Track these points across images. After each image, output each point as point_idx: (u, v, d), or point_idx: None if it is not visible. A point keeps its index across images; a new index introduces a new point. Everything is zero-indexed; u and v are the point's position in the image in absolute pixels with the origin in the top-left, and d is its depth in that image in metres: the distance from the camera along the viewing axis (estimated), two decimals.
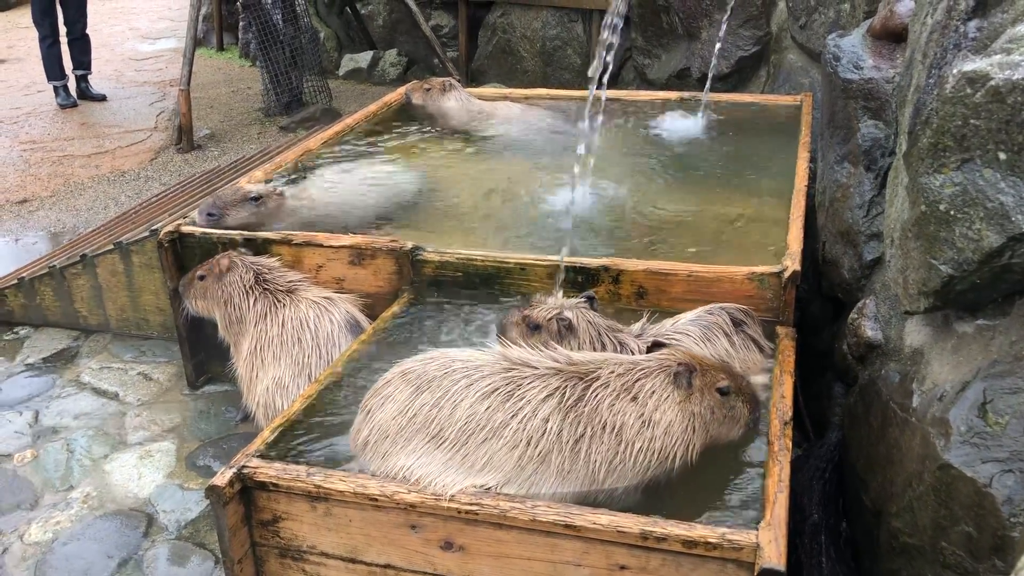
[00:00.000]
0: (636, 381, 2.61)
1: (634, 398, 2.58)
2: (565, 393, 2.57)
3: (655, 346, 2.81)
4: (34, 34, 9.38)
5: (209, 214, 4.10)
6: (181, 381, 4.39)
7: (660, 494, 2.59)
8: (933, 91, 2.34)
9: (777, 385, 2.94)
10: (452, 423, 2.56)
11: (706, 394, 2.63)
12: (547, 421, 2.54)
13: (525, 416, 2.54)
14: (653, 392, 2.60)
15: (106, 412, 4.23)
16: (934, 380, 2.50)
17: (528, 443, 2.52)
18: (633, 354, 2.98)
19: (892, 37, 3.16)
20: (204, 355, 4.30)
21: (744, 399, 2.71)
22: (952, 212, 2.29)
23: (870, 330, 2.97)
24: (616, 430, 2.54)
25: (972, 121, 2.20)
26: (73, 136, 8.60)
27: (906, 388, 2.61)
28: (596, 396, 2.57)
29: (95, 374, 4.54)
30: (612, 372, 2.62)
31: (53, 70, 9.31)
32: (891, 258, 2.78)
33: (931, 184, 2.34)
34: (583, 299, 3.15)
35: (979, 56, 2.23)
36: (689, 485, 2.63)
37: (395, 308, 3.62)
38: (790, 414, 2.78)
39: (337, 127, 5.47)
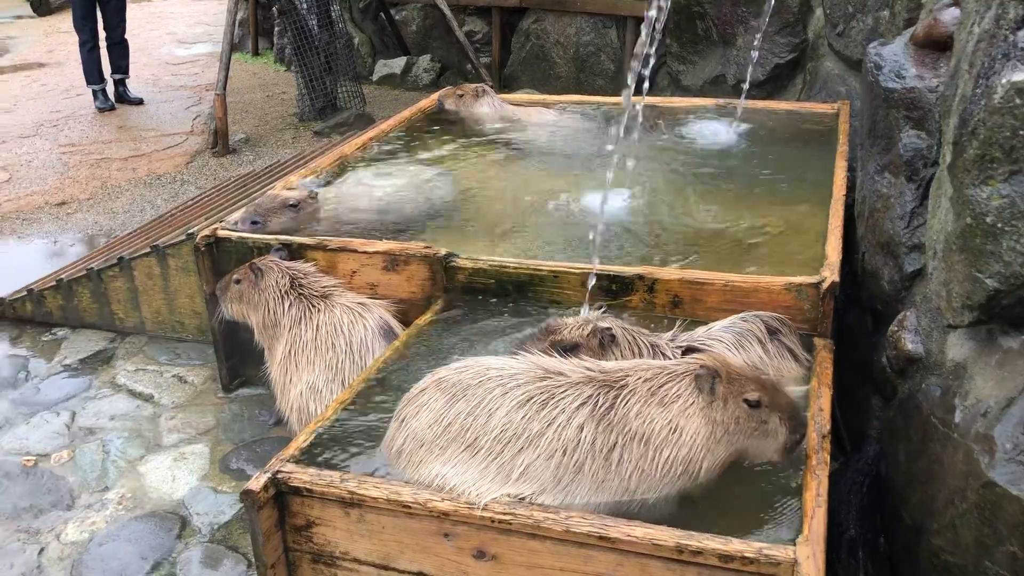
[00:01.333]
0: (662, 385, 2.57)
1: (661, 403, 2.54)
2: (597, 401, 2.55)
3: (689, 351, 2.76)
4: (74, 39, 9.54)
5: (253, 222, 4.15)
6: (215, 384, 4.42)
7: (695, 506, 2.56)
8: (980, 101, 2.29)
9: (815, 398, 2.90)
10: (487, 432, 2.54)
11: (731, 403, 2.53)
12: (581, 430, 2.52)
13: (560, 425, 2.53)
14: (679, 396, 2.54)
15: (141, 414, 4.27)
16: (977, 395, 2.45)
17: (564, 452, 2.50)
18: (667, 359, 2.96)
19: (935, 46, 3.10)
20: (238, 358, 4.33)
21: (782, 416, 2.56)
22: (999, 225, 2.25)
23: (911, 343, 2.92)
24: (645, 437, 2.51)
25: (1022, 132, 2.16)
26: (111, 139, 8.72)
27: (948, 403, 2.57)
28: (626, 403, 2.54)
29: (131, 376, 4.59)
30: (640, 378, 2.59)
31: (92, 74, 9.45)
32: (934, 270, 2.73)
33: (977, 196, 2.30)
34: (599, 310, 3.14)
35: None
36: (725, 498, 2.60)
37: (428, 315, 3.62)
38: (828, 427, 2.74)
39: (371, 132, 5.49)
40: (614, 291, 3.50)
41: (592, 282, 3.47)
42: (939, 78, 3.04)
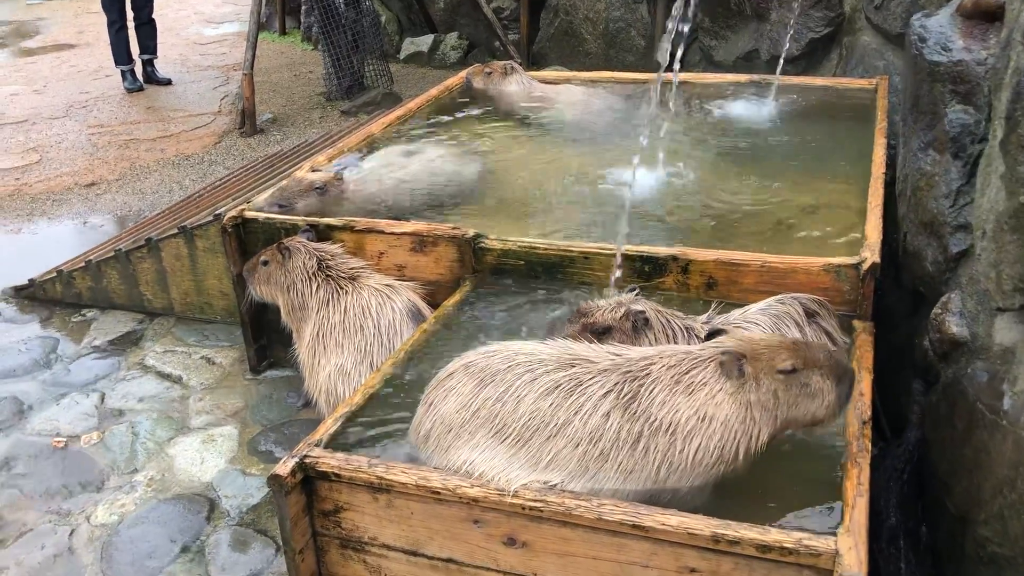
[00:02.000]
0: (687, 372, 2.48)
1: (687, 392, 2.45)
2: (622, 390, 2.48)
3: (713, 333, 2.63)
4: (102, 19, 9.54)
5: (280, 205, 4.11)
6: (243, 366, 4.41)
7: (731, 494, 2.49)
8: None
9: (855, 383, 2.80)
10: (516, 419, 2.49)
11: (764, 379, 2.41)
12: (607, 418, 2.45)
13: (586, 413, 2.46)
14: (705, 384, 2.45)
15: (170, 396, 4.26)
16: None
17: (590, 441, 2.44)
18: (701, 340, 2.89)
19: (984, 16, 2.98)
20: (266, 340, 4.31)
21: (823, 371, 2.42)
22: None
23: (955, 326, 2.82)
24: (671, 428, 2.43)
25: None
26: (139, 120, 8.73)
27: (996, 389, 2.47)
28: (650, 392, 2.46)
29: (159, 357, 4.59)
30: (664, 365, 2.51)
31: (121, 55, 9.46)
32: (982, 251, 2.63)
33: None
34: (632, 292, 3.06)
35: None
36: (762, 485, 2.53)
37: (457, 296, 3.57)
38: (869, 413, 2.65)
39: (399, 111, 5.43)
40: (647, 272, 3.42)
41: (618, 266, 3.39)
42: (988, 50, 2.91)
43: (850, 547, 2.15)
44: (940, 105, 3.08)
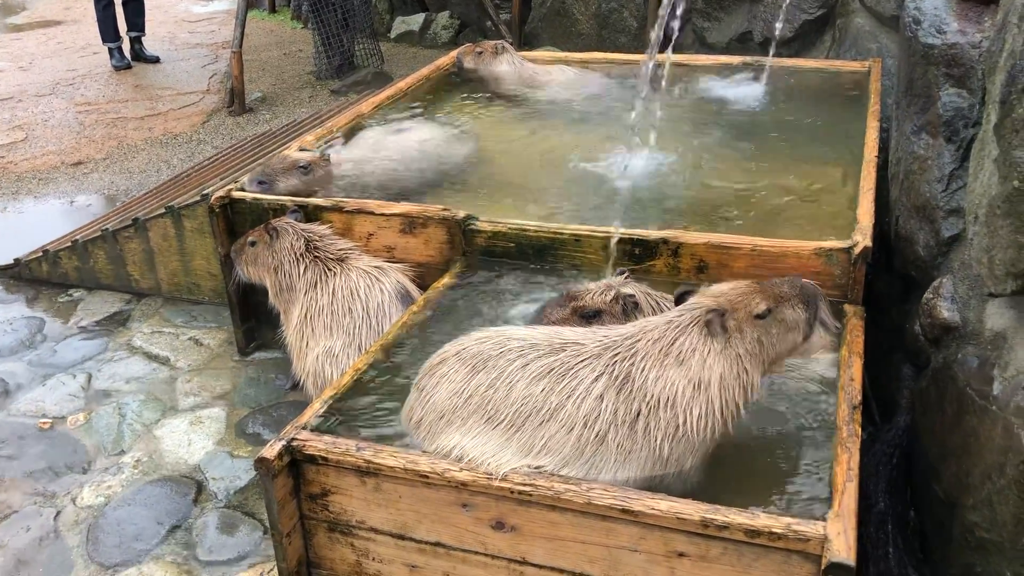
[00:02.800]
0: (673, 343, 2.47)
1: (679, 362, 2.44)
2: (614, 371, 2.46)
3: (682, 296, 2.62)
4: None
5: (260, 182, 4.07)
6: (231, 347, 4.38)
7: (721, 478, 2.49)
8: None
9: (845, 367, 2.80)
10: (508, 405, 2.47)
11: (746, 328, 2.45)
12: (601, 400, 2.44)
13: (580, 396, 2.45)
14: (695, 350, 2.44)
15: (157, 377, 4.23)
16: (1018, 367, 2.34)
17: (585, 424, 2.42)
18: None
19: None
20: (254, 321, 4.28)
21: (791, 303, 2.50)
22: None
23: (947, 311, 2.81)
24: (670, 401, 2.42)
25: None
26: (127, 98, 8.63)
27: (986, 374, 2.47)
28: (643, 370, 2.45)
29: (147, 338, 4.55)
30: (649, 340, 2.49)
31: (108, 32, 9.34)
32: (974, 236, 2.61)
33: None
34: (621, 275, 3.04)
35: None
36: (752, 470, 2.53)
37: (446, 279, 3.54)
38: (859, 398, 2.64)
39: (389, 91, 5.37)
40: (637, 255, 3.40)
41: (614, 247, 3.37)
42: (983, 33, 2.89)
43: (839, 532, 2.15)
44: (934, 88, 3.06)
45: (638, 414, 2.43)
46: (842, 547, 2.11)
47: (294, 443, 2.60)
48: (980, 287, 2.62)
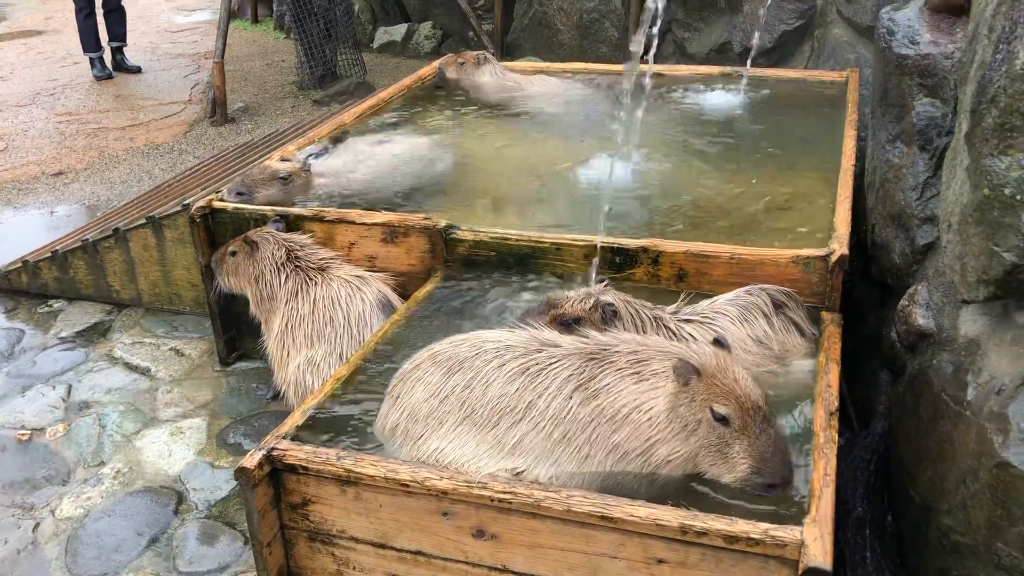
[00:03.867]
0: (645, 361, 2.48)
1: (637, 379, 2.46)
2: (583, 372, 2.49)
3: (717, 342, 2.56)
4: (70, 6, 9.39)
5: (239, 193, 4.07)
6: (212, 357, 4.36)
7: (699, 484, 2.50)
8: (1000, 68, 2.20)
9: (822, 373, 2.83)
10: (484, 404, 2.50)
11: (698, 404, 2.38)
12: (568, 400, 2.46)
13: (550, 396, 2.48)
14: (655, 374, 2.45)
15: (138, 388, 4.21)
16: (991, 373, 2.38)
17: (553, 423, 2.45)
18: (670, 330, 2.89)
19: (952, 10, 3.00)
20: (236, 331, 4.27)
21: (750, 450, 2.36)
22: (1018, 196, 2.17)
23: (922, 318, 2.85)
24: (614, 412, 2.45)
25: None
26: (108, 108, 8.60)
27: (960, 380, 2.50)
28: (606, 375, 2.48)
29: (127, 349, 4.53)
30: (626, 351, 2.52)
31: (89, 42, 9.31)
32: (947, 243, 2.65)
33: (996, 166, 2.21)
34: (601, 283, 3.07)
35: None
36: None
37: (428, 287, 3.55)
38: (836, 404, 2.67)
39: (371, 101, 5.39)
40: (618, 264, 3.43)
41: (597, 256, 3.39)
42: (955, 44, 2.94)
43: (816, 537, 2.16)
44: (908, 98, 3.10)
45: (590, 420, 2.45)
46: (819, 552, 2.13)
47: (274, 453, 2.60)
48: (954, 294, 2.66)
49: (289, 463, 2.58)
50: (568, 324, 2.82)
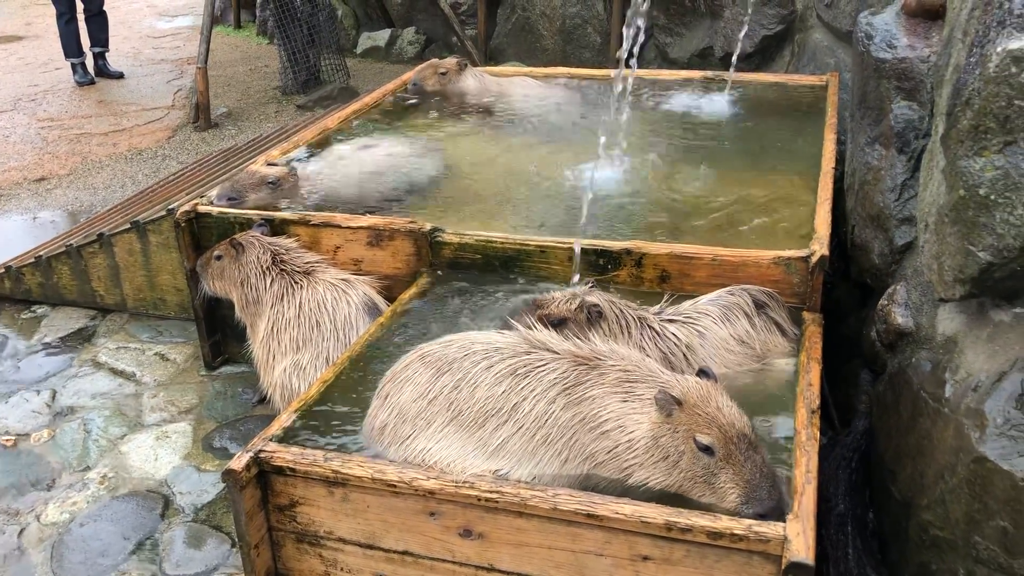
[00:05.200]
0: (633, 382, 2.48)
1: (623, 398, 2.46)
2: (569, 377, 2.51)
3: (701, 373, 2.54)
4: (52, 11, 9.36)
5: (230, 198, 4.08)
6: (198, 362, 4.36)
7: None
8: (975, 71, 2.25)
9: (804, 372, 2.87)
10: (471, 405, 2.52)
11: (681, 435, 2.36)
12: (552, 404, 2.49)
13: (536, 398, 2.50)
14: (641, 398, 2.45)
15: (123, 392, 4.21)
16: (968, 370, 2.42)
17: (536, 425, 2.47)
18: (654, 330, 2.92)
19: (928, 15, 3.05)
20: (221, 336, 4.27)
21: (736, 479, 2.32)
22: (993, 197, 2.21)
23: (901, 317, 2.89)
24: (596, 424, 2.46)
25: (1017, 102, 2.12)
26: (91, 114, 8.58)
27: (938, 377, 2.54)
28: (593, 385, 2.49)
29: (112, 354, 4.52)
30: (617, 366, 2.52)
31: (71, 47, 9.28)
32: (925, 243, 2.70)
33: (971, 167, 2.25)
34: (588, 285, 3.10)
35: None
36: None
37: (413, 290, 3.57)
38: (817, 402, 2.71)
39: (355, 105, 5.40)
40: (602, 265, 3.46)
41: (578, 259, 3.43)
42: (931, 48, 2.99)
43: (798, 533, 2.20)
44: (886, 101, 3.15)
45: (573, 425, 2.47)
46: (801, 547, 2.16)
47: (262, 455, 2.61)
48: (932, 293, 2.70)
49: (276, 465, 2.59)
50: (554, 325, 2.84)
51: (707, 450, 2.34)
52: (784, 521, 2.25)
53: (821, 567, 2.70)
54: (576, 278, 3.42)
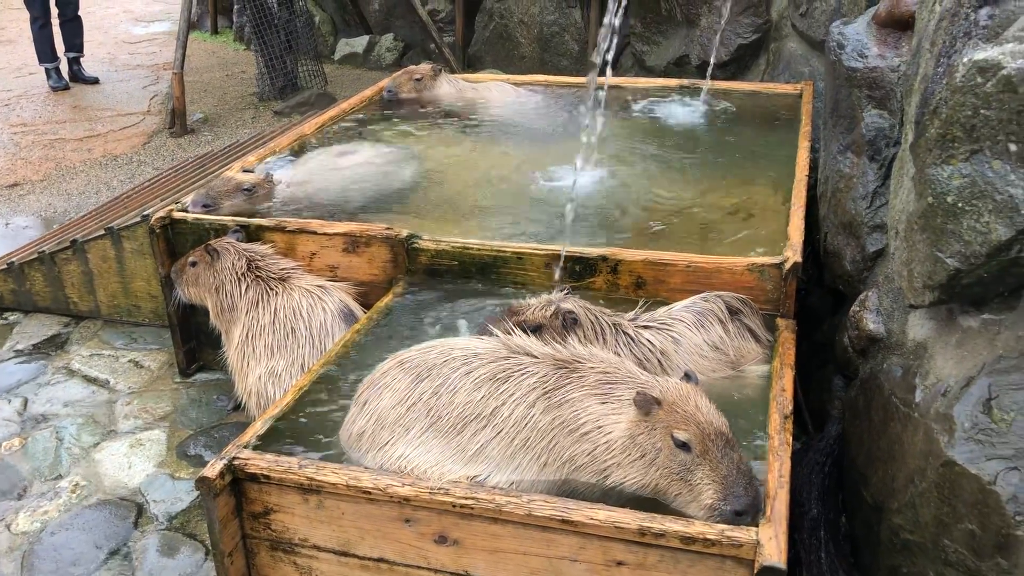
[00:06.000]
0: (612, 383, 2.48)
1: (602, 399, 2.47)
2: (549, 381, 2.52)
3: (686, 377, 2.55)
4: (25, 15, 9.27)
5: (204, 205, 4.06)
6: (172, 369, 4.33)
7: None
8: (942, 80, 2.28)
9: (777, 378, 2.89)
10: (450, 411, 2.52)
11: (659, 432, 2.36)
12: (532, 407, 2.49)
13: (515, 402, 2.50)
14: (620, 399, 2.45)
15: (96, 400, 4.17)
16: (937, 375, 2.45)
17: (515, 429, 2.48)
18: (629, 336, 2.94)
19: (898, 25, 3.10)
20: (196, 343, 4.25)
21: (713, 475, 2.31)
22: (960, 204, 2.25)
23: (872, 323, 2.92)
24: (575, 426, 2.47)
25: (982, 111, 2.15)
26: (65, 119, 8.50)
27: (909, 383, 2.57)
28: (572, 388, 2.50)
29: (85, 361, 4.49)
30: (596, 368, 2.53)
31: (45, 52, 9.20)
32: (895, 250, 2.73)
33: (939, 175, 2.29)
34: (563, 292, 3.12)
35: (990, 44, 2.18)
36: None
37: (389, 297, 3.57)
38: (790, 408, 2.74)
39: (332, 112, 5.40)
40: (578, 272, 3.47)
41: (560, 266, 3.44)
42: (901, 57, 3.03)
43: (770, 537, 2.22)
44: (857, 110, 3.19)
45: (551, 428, 2.48)
46: (774, 551, 2.18)
47: (236, 462, 2.59)
48: (902, 299, 2.74)
49: (251, 472, 2.58)
50: (529, 331, 2.85)
51: (684, 446, 2.34)
52: (759, 519, 2.27)
53: (794, 571, 2.72)
54: (558, 278, 3.43)
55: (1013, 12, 2.18)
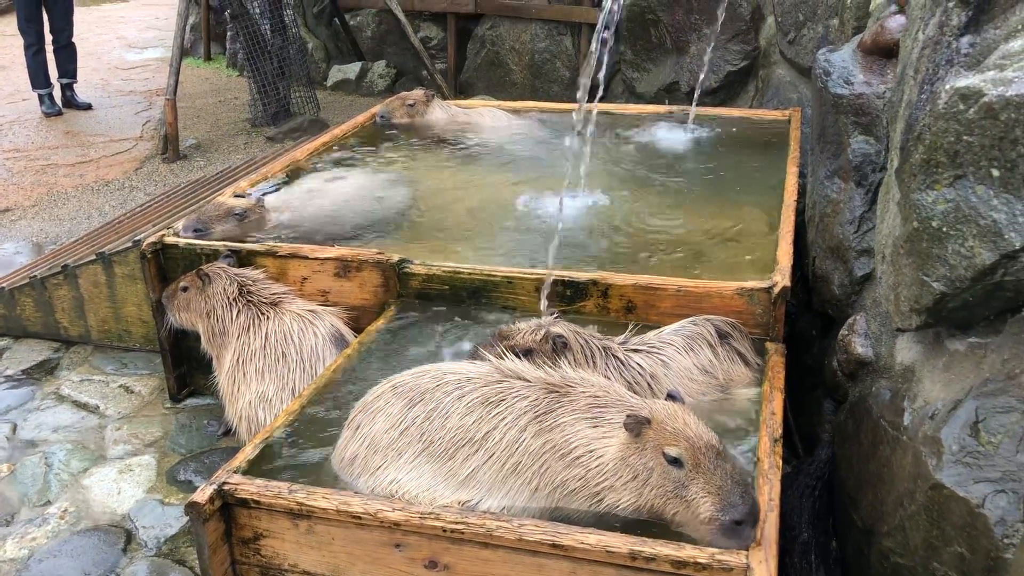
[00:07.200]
0: (602, 407, 2.49)
1: (593, 423, 2.47)
2: (540, 405, 2.52)
3: (670, 396, 2.55)
4: (19, 41, 9.31)
5: (195, 230, 4.07)
6: (163, 394, 4.32)
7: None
8: (925, 107, 2.32)
9: (767, 402, 2.90)
10: (443, 435, 2.52)
11: (650, 451, 2.35)
12: (523, 432, 2.49)
13: (507, 426, 2.51)
14: (610, 423, 2.46)
15: (86, 425, 4.15)
16: (925, 398, 2.47)
17: (506, 454, 2.48)
18: (619, 360, 2.95)
19: (883, 52, 3.14)
20: (186, 368, 4.24)
21: (708, 488, 2.29)
22: (945, 229, 2.27)
23: (860, 347, 2.94)
24: (566, 451, 2.47)
25: (965, 137, 2.18)
26: (57, 145, 8.52)
27: (897, 406, 2.59)
28: (563, 412, 2.50)
29: (75, 387, 4.47)
30: (587, 392, 2.54)
31: (38, 78, 9.24)
32: (882, 274, 2.76)
33: (923, 200, 2.32)
34: (553, 316, 3.13)
35: (972, 72, 2.22)
36: None
37: (381, 322, 3.57)
38: (780, 431, 2.74)
39: (324, 138, 5.43)
40: (568, 296, 3.49)
41: (547, 290, 3.46)
42: (886, 84, 3.07)
43: (760, 561, 2.22)
44: (844, 135, 3.23)
45: (543, 452, 2.48)
46: (763, 575, 2.18)
47: (226, 487, 2.59)
48: (890, 323, 2.76)
49: (240, 497, 2.57)
50: (520, 355, 2.86)
51: (676, 462, 2.33)
52: (758, 525, 2.28)
53: None
54: (545, 303, 3.44)
55: (993, 41, 2.22)
